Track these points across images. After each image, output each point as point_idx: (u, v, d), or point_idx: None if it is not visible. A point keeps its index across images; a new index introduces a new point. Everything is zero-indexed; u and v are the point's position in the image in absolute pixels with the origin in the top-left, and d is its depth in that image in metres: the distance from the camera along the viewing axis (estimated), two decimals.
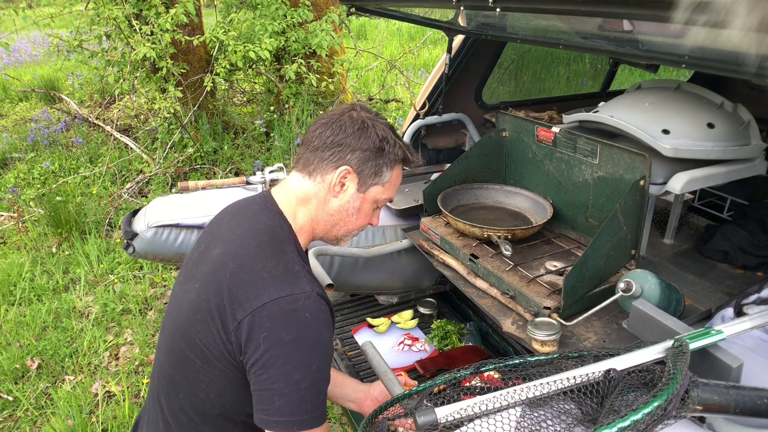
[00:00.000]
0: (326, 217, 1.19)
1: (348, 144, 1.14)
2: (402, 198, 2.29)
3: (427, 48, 8.34)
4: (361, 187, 1.18)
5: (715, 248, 1.80)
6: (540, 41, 2.02)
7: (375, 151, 1.15)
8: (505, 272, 1.57)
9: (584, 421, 0.86)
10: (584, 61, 3.72)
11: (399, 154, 1.19)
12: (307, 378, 0.99)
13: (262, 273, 1.04)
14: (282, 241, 1.12)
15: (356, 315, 2.36)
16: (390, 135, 1.18)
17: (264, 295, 1.00)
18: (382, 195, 1.22)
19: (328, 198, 1.17)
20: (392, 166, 1.19)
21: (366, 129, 1.15)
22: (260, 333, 0.98)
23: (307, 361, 0.99)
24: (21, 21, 4.49)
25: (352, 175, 1.16)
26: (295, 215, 1.18)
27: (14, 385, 2.68)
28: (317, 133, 1.15)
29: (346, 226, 1.22)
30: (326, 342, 1.04)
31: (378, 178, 1.18)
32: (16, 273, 3.57)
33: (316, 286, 1.07)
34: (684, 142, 1.63)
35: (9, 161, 5.25)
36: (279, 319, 0.98)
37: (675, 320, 1.12)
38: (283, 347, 0.98)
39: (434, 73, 2.71)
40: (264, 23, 4.42)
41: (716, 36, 0.81)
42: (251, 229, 1.13)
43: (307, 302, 1.01)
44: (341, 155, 1.14)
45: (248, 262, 1.06)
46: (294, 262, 1.08)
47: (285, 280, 1.03)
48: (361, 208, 1.21)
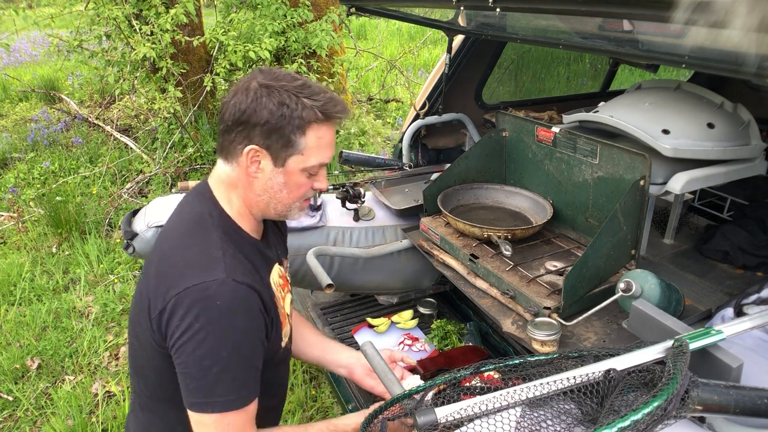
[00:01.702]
0: (256, 199, 1.14)
1: (247, 121, 1.05)
2: (402, 198, 2.29)
3: (427, 48, 8.34)
4: (276, 161, 1.09)
5: (715, 248, 1.80)
6: (540, 41, 2.02)
7: (275, 121, 1.05)
8: (505, 272, 1.57)
9: (584, 421, 0.86)
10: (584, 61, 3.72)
11: (307, 116, 1.06)
12: (218, 363, 1.00)
13: (180, 262, 1.06)
14: (207, 228, 1.10)
15: (356, 315, 2.36)
16: (290, 98, 1.05)
17: (180, 284, 1.02)
18: (306, 163, 1.11)
19: (251, 180, 1.12)
20: (302, 131, 1.07)
21: (260, 99, 1.05)
22: (175, 320, 1.01)
23: (216, 347, 1.00)
24: (21, 21, 4.49)
25: (261, 152, 1.08)
26: (230, 200, 1.15)
27: (14, 385, 2.68)
28: (221, 116, 1.10)
29: (282, 202, 1.15)
30: (241, 329, 1.03)
31: (291, 148, 1.08)
32: (16, 273, 3.57)
33: (238, 273, 1.04)
34: (684, 142, 1.63)
35: (9, 161, 5.24)
36: (191, 306, 1.00)
37: (675, 320, 1.12)
38: (194, 333, 1.00)
39: (434, 73, 2.71)
40: (264, 23, 4.41)
41: (716, 36, 0.82)
42: (179, 219, 1.17)
43: (219, 289, 1.00)
44: (245, 134, 1.07)
45: (170, 252, 1.10)
46: (216, 248, 1.06)
47: (200, 268, 1.03)
48: (288, 182, 1.12)
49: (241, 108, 1.05)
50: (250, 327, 1.05)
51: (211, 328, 1.00)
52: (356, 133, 5.56)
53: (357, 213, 2.11)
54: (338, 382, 1.97)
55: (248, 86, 1.06)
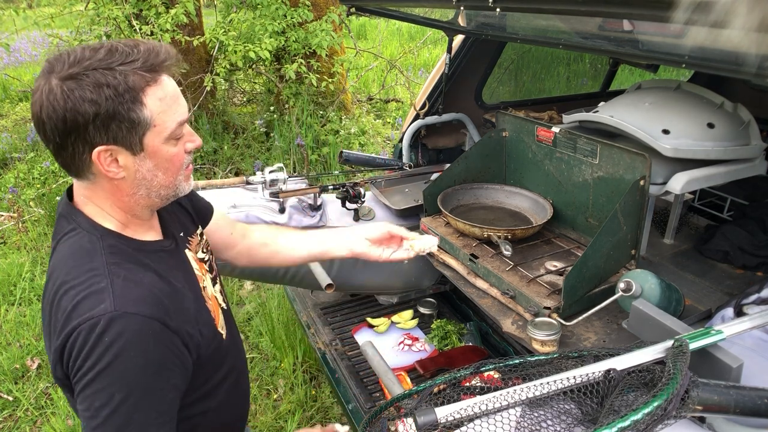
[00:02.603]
0: (133, 198, 1.00)
1: (75, 125, 0.88)
2: (402, 198, 2.29)
3: (427, 48, 8.34)
4: (133, 149, 0.93)
5: (715, 248, 1.80)
6: (540, 41, 2.02)
7: (104, 108, 0.88)
8: (505, 272, 1.57)
9: (584, 421, 0.86)
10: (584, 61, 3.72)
11: (133, 83, 0.89)
12: (109, 407, 0.89)
13: (67, 304, 0.92)
14: (90, 255, 0.96)
15: (356, 315, 2.36)
16: (104, 75, 0.88)
17: (67, 324, 0.90)
18: (164, 132, 0.95)
19: (116, 183, 0.96)
20: (139, 101, 0.90)
21: (73, 94, 0.87)
22: (69, 360, 0.91)
23: (108, 392, 0.89)
24: (21, 21, 4.49)
25: (112, 149, 0.92)
26: (105, 214, 1.01)
27: (14, 385, 2.68)
28: (42, 136, 0.92)
29: (164, 185, 1.01)
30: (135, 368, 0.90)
31: (139, 126, 0.92)
32: (16, 273, 3.57)
33: (129, 302, 0.91)
34: (684, 142, 1.63)
35: (9, 161, 5.25)
36: (82, 346, 0.88)
37: (675, 320, 1.12)
38: (85, 375, 0.89)
39: (434, 73, 2.71)
40: (264, 23, 4.41)
41: (716, 36, 0.82)
42: (60, 252, 1.01)
43: (107, 325, 0.88)
44: (81, 140, 0.90)
45: (56, 291, 0.97)
46: (101, 278, 0.92)
47: (86, 302, 0.91)
48: (157, 163, 0.97)
49: (58, 115, 0.87)
50: (149, 363, 0.92)
51: (101, 369, 0.88)
52: (356, 133, 5.56)
53: (357, 213, 2.11)
54: (338, 382, 1.97)
55: (50, 87, 0.88)
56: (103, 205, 1.00)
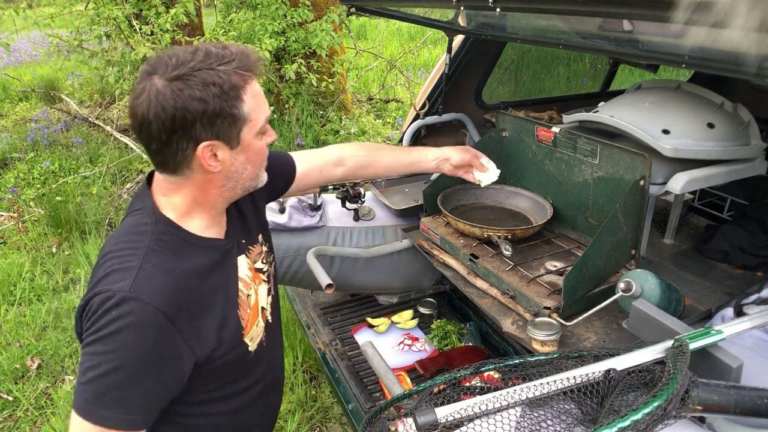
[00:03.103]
0: (219, 191, 1.08)
1: (183, 123, 0.95)
2: (402, 198, 2.29)
3: (427, 48, 8.34)
4: (231, 143, 1.02)
5: (715, 248, 1.80)
6: (540, 41, 2.02)
7: (212, 105, 0.95)
8: (505, 272, 1.57)
9: (584, 421, 0.86)
10: (584, 61, 3.72)
11: (235, 81, 0.98)
12: (95, 371, 0.95)
13: (101, 268, 1.02)
14: (140, 235, 1.03)
15: (356, 315, 2.36)
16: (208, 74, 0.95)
17: (93, 289, 0.99)
18: (256, 127, 1.04)
19: (207, 177, 1.04)
20: (239, 98, 0.99)
21: (182, 94, 0.93)
22: (85, 320, 0.99)
23: (99, 358, 0.95)
24: (21, 21, 4.49)
25: (214, 144, 0.99)
26: (176, 205, 1.07)
27: (14, 385, 2.68)
28: (145, 134, 0.98)
29: (249, 177, 1.10)
30: (129, 350, 0.95)
31: (238, 122, 1.00)
32: (16, 273, 3.57)
33: (148, 290, 0.96)
34: (684, 142, 1.63)
35: (9, 161, 5.25)
36: (95, 311, 0.96)
37: (675, 320, 1.12)
38: (89, 335, 0.97)
39: (434, 73, 2.71)
40: (264, 23, 4.41)
41: (716, 36, 0.81)
42: (122, 225, 1.10)
43: (119, 302, 0.95)
44: (187, 136, 0.97)
45: (102, 256, 1.06)
46: (135, 258, 0.99)
47: (113, 275, 0.98)
48: (249, 156, 1.06)
49: (167, 114, 0.94)
50: (144, 351, 0.97)
51: (100, 336, 0.95)
52: (356, 133, 5.56)
53: (357, 213, 2.12)
54: (338, 382, 1.97)
55: (157, 89, 0.94)
56: (177, 197, 1.07)
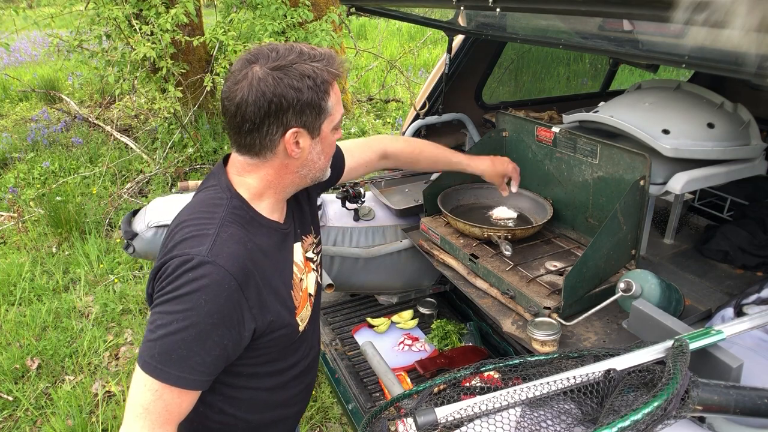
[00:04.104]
0: (292, 178, 1.15)
1: (279, 108, 1.04)
2: (402, 198, 2.29)
3: (427, 48, 8.34)
4: (313, 133, 1.11)
5: (715, 248, 1.79)
6: (540, 41, 2.02)
7: (306, 96, 1.05)
8: (505, 272, 1.57)
9: (584, 421, 0.86)
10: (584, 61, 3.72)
11: (327, 78, 1.08)
12: (166, 328, 1.00)
13: (179, 233, 1.08)
14: (215, 207, 1.11)
15: (356, 315, 2.36)
16: (306, 67, 1.05)
17: (171, 251, 1.05)
18: (334, 121, 1.14)
19: (287, 162, 1.12)
20: (327, 94, 1.09)
21: (282, 82, 1.03)
22: (158, 282, 1.05)
23: (171, 317, 1.01)
24: (21, 21, 4.49)
25: (300, 131, 1.08)
26: (249, 185, 1.14)
27: (14, 385, 2.68)
28: (240, 116, 1.06)
29: (319, 168, 1.18)
30: (203, 311, 1.01)
31: (323, 114, 1.10)
32: (16, 273, 3.57)
33: (223, 255, 1.03)
34: (684, 142, 1.63)
35: (9, 161, 5.25)
36: (171, 273, 1.02)
37: (675, 320, 1.12)
38: (162, 294, 1.03)
39: (434, 73, 2.71)
40: (264, 23, 4.41)
41: (716, 36, 0.81)
42: (196, 198, 1.19)
43: (196, 264, 1.01)
44: (279, 122, 1.05)
45: (177, 224, 1.12)
46: (212, 226, 1.07)
47: (191, 241, 1.05)
48: (324, 147, 1.15)
49: (267, 99, 1.02)
50: (214, 312, 1.03)
51: (176, 296, 1.01)
52: (356, 134, 5.56)
53: (357, 213, 2.11)
54: (338, 382, 1.97)
55: (258, 76, 1.03)
56: (253, 179, 1.14)
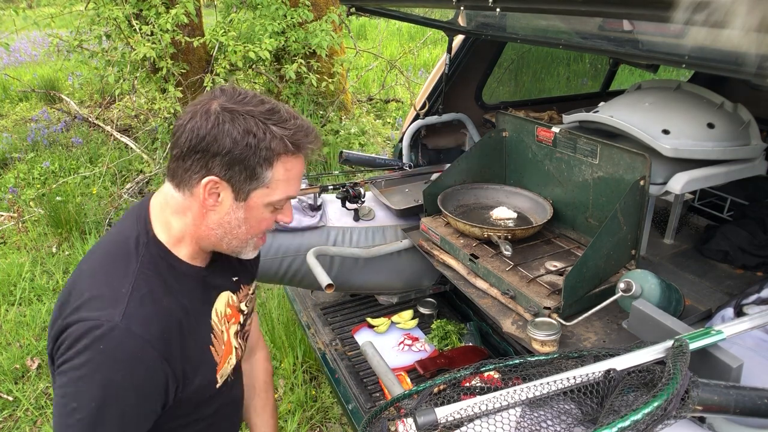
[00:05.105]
0: (208, 232, 1.02)
1: (206, 149, 0.93)
2: (402, 198, 2.29)
3: (427, 48, 8.34)
4: (238, 195, 0.98)
5: (715, 248, 1.79)
6: (540, 41, 2.02)
7: (240, 151, 0.93)
8: (505, 272, 1.57)
9: (584, 421, 0.86)
10: (584, 61, 3.72)
11: (275, 147, 0.95)
12: (84, 411, 0.90)
13: (84, 292, 0.96)
14: (128, 255, 0.99)
15: (356, 315, 2.36)
16: (257, 126, 0.94)
17: (76, 312, 0.93)
18: (271, 197, 1.00)
19: (205, 212, 1.00)
20: (270, 163, 0.96)
21: (222, 125, 0.92)
22: (62, 347, 0.93)
23: (88, 396, 0.90)
24: (21, 21, 4.49)
25: (221, 185, 0.96)
26: (170, 226, 1.03)
27: (14, 385, 2.68)
28: (175, 138, 0.96)
29: (237, 238, 1.04)
30: (118, 385, 0.90)
31: (255, 181, 0.97)
32: (16, 273, 3.57)
33: (137, 321, 0.92)
34: (684, 142, 1.63)
35: (9, 161, 5.25)
36: (78, 340, 0.90)
37: (675, 320, 1.12)
38: (71, 368, 0.90)
39: (434, 73, 2.71)
40: (264, 23, 4.41)
41: (716, 36, 0.81)
42: (109, 237, 1.07)
43: (109, 333, 0.89)
44: (202, 163, 0.94)
45: (82, 274, 1.01)
46: (126, 283, 0.95)
47: (99, 303, 0.93)
48: (248, 217, 1.01)
49: (200, 134, 0.92)
50: (132, 386, 0.92)
51: (87, 371, 0.89)
52: (356, 133, 5.56)
53: (357, 213, 2.11)
54: (338, 382, 1.97)
55: (208, 109, 0.93)
56: (173, 216, 1.03)
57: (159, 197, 1.05)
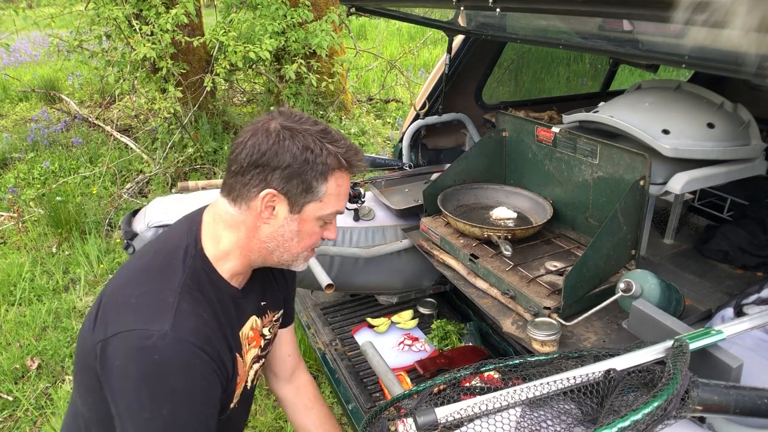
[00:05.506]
0: (259, 245, 1.08)
1: (266, 163, 1.00)
2: (402, 198, 2.29)
3: (427, 48, 8.34)
4: (293, 208, 1.05)
5: (715, 248, 1.79)
6: (540, 41, 2.02)
7: (299, 166, 1.01)
8: (505, 272, 1.57)
9: (584, 421, 0.86)
10: (584, 61, 3.72)
11: (330, 163, 1.03)
12: (157, 419, 0.93)
13: (130, 298, 0.99)
14: (174, 266, 1.03)
15: (356, 315, 2.36)
16: (314, 142, 1.02)
17: (122, 323, 0.96)
18: (323, 211, 1.07)
19: (259, 225, 1.05)
20: (325, 177, 1.04)
21: (282, 141, 1.00)
22: (113, 360, 0.95)
23: (157, 405, 0.93)
24: (21, 21, 4.49)
25: (278, 198, 1.03)
26: (219, 239, 1.07)
27: (14, 385, 2.68)
28: (234, 155, 1.03)
29: (289, 251, 1.10)
30: (183, 392, 0.95)
31: (310, 194, 1.04)
32: (16, 273, 3.57)
33: (186, 329, 0.96)
34: (684, 142, 1.63)
35: (9, 161, 5.24)
36: (129, 353, 0.93)
37: (675, 320, 1.12)
38: (132, 382, 0.93)
39: (434, 73, 2.71)
40: (264, 23, 4.41)
41: (716, 36, 0.81)
42: (155, 247, 1.10)
43: (159, 342, 0.92)
44: (262, 177, 1.01)
45: (127, 281, 1.04)
46: (172, 294, 0.98)
47: (147, 312, 0.96)
48: (301, 230, 1.08)
49: (262, 149, 1.00)
50: (192, 391, 0.96)
51: (149, 382, 0.93)
52: (356, 133, 5.56)
53: (357, 213, 2.11)
54: (338, 382, 1.97)
55: (268, 127, 1.01)
56: (226, 230, 1.07)
57: (211, 211, 1.10)
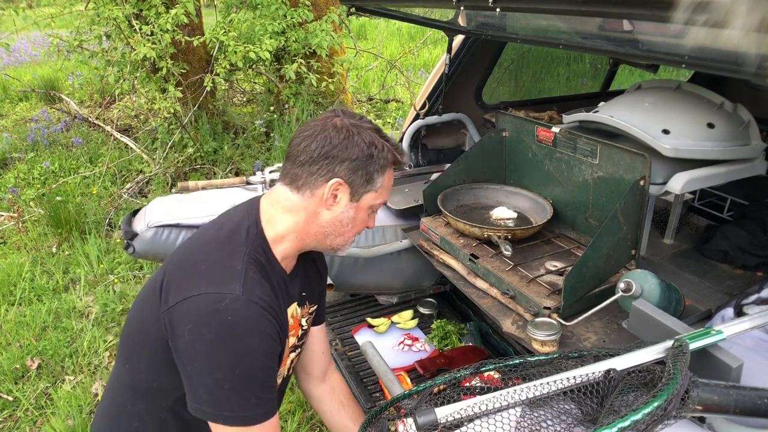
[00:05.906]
0: (317, 229, 1.17)
1: (336, 155, 1.10)
2: (402, 198, 2.29)
3: (427, 48, 8.33)
4: (353, 196, 1.16)
5: (715, 248, 1.79)
6: (540, 41, 2.02)
7: (364, 158, 1.12)
8: (505, 272, 1.57)
9: (584, 421, 0.86)
10: (584, 61, 3.72)
11: (389, 158, 1.16)
12: (231, 379, 1.00)
13: (200, 265, 1.06)
14: (238, 241, 1.11)
15: (356, 315, 2.36)
16: (377, 139, 1.14)
17: (194, 287, 1.02)
18: (376, 200, 1.19)
19: (320, 210, 1.15)
20: (383, 170, 1.16)
21: (352, 137, 1.11)
22: (185, 324, 1.01)
23: (230, 363, 1.00)
24: (21, 21, 4.49)
25: (343, 186, 1.13)
26: (275, 222, 1.16)
27: (14, 385, 2.68)
28: (302, 147, 1.12)
29: (342, 236, 1.20)
30: (253, 350, 1.02)
31: (370, 185, 1.16)
32: (16, 273, 3.57)
33: (256, 292, 1.04)
34: (684, 142, 1.63)
35: (9, 161, 5.24)
36: (202, 315, 1.00)
37: (675, 320, 1.12)
38: (205, 344, 0.99)
39: (434, 73, 2.71)
40: (264, 23, 4.41)
41: (716, 36, 0.81)
42: (218, 224, 1.18)
43: (232, 304, 1.00)
44: (330, 167, 1.11)
45: (194, 251, 1.12)
46: (239, 262, 1.06)
47: (218, 277, 1.04)
48: (356, 217, 1.19)
49: (333, 143, 1.10)
50: (263, 349, 1.04)
51: (223, 343, 0.99)
52: None
53: None
54: None
55: (335, 123, 1.12)
56: (285, 218, 1.16)
57: (269, 198, 1.19)
